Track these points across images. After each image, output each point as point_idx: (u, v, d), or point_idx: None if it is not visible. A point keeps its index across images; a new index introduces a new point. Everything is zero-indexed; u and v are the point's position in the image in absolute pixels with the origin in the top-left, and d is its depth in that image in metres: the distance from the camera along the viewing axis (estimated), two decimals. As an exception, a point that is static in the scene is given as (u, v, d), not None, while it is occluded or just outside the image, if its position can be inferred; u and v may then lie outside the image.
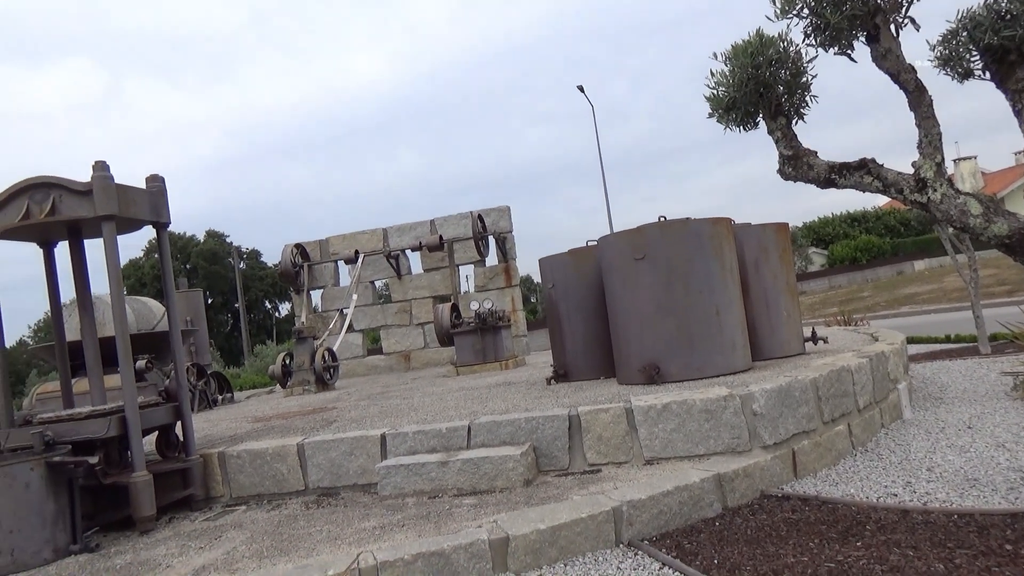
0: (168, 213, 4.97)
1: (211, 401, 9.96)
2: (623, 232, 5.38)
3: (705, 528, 3.60)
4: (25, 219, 4.41)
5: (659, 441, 4.35)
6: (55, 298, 5.27)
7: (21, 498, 4.01)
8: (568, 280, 6.30)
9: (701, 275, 5.14)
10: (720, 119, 3.58)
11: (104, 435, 4.43)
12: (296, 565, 3.31)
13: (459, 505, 4.05)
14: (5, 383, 4.79)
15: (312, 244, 13.68)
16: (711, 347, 5.14)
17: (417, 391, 7.68)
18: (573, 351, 6.36)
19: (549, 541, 3.34)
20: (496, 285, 12.82)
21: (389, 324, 13.52)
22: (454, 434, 4.66)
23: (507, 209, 12.91)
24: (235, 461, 4.96)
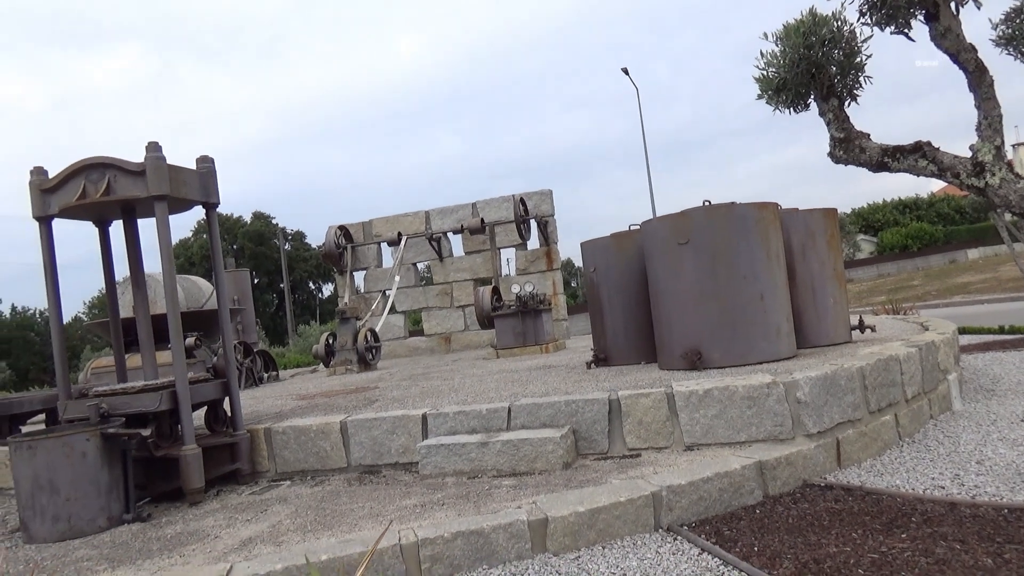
0: (217, 193, 5.07)
1: (257, 378, 10.19)
2: (667, 216, 5.33)
3: (745, 515, 3.57)
4: (82, 198, 4.55)
5: (700, 427, 4.33)
6: (110, 276, 5.43)
7: (78, 467, 4.16)
8: (610, 264, 6.27)
9: (745, 260, 5.07)
10: (769, 100, 3.51)
11: (156, 408, 4.56)
12: (339, 539, 3.38)
13: (498, 486, 4.09)
14: (63, 357, 4.96)
15: (356, 226, 13.83)
16: (754, 333, 5.07)
17: (457, 373, 7.74)
18: (614, 335, 6.34)
19: (588, 524, 3.35)
20: (537, 268, 12.82)
21: (430, 306, 13.63)
22: (494, 416, 4.70)
23: (549, 193, 12.87)
24: (280, 437, 5.07)
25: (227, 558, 3.33)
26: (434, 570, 3.17)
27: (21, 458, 4.17)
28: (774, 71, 3.41)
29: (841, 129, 3.44)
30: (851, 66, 3.46)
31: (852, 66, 3.46)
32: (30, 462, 4.14)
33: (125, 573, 3.31)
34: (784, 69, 3.34)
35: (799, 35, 3.32)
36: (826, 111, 3.48)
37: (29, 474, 4.14)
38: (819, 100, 3.48)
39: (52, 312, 4.92)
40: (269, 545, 3.48)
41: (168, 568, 3.29)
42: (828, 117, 3.47)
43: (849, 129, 3.46)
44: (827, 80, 3.42)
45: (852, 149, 3.41)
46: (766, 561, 2.96)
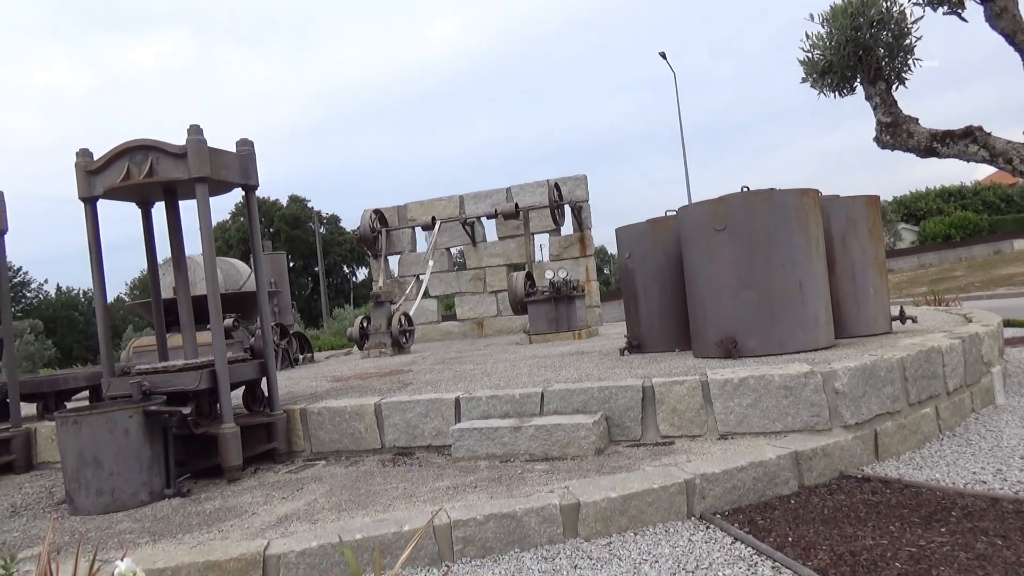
0: (256, 176, 5.13)
1: (292, 360, 10.34)
2: (704, 202, 5.27)
3: (780, 505, 3.54)
4: (125, 180, 4.64)
5: (734, 416, 4.29)
6: (152, 257, 5.54)
7: (121, 443, 4.27)
8: (645, 250, 6.22)
9: (784, 247, 4.99)
10: (814, 84, 3.42)
11: (196, 387, 4.66)
12: (373, 519, 3.43)
13: (531, 470, 4.10)
14: (107, 336, 5.08)
15: (390, 210, 13.91)
16: (792, 322, 5.00)
17: (490, 357, 7.76)
18: (648, 322, 6.30)
19: (620, 510, 3.35)
20: (571, 255, 12.78)
21: (463, 291, 13.67)
22: (527, 400, 4.71)
23: (584, 178, 12.80)
24: (316, 418, 5.14)
25: (264, 534, 3.40)
26: (466, 551, 3.20)
27: (67, 433, 4.29)
28: (819, 53, 3.32)
29: (888, 113, 3.35)
30: (900, 48, 3.36)
31: (901, 48, 3.36)
32: (76, 437, 4.26)
33: (166, 546, 3.40)
34: (830, 51, 3.25)
35: (846, 16, 3.23)
36: (873, 95, 3.39)
37: (75, 448, 4.26)
38: (866, 83, 3.39)
39: (96, 292, 5.04)
40: (305, 523, 3.54)
41: (208, 543, 3.36)
42: (875, 101, 3.37)
43: (896, 113, 3.36)
44: (874, 63, 3.33)
45: (899, 134, 3.32)
46: (800, 552, 2.93)
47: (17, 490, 5.20)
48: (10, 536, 3.93)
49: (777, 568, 2.78)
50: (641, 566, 2.93)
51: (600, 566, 2.97)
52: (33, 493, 5.04)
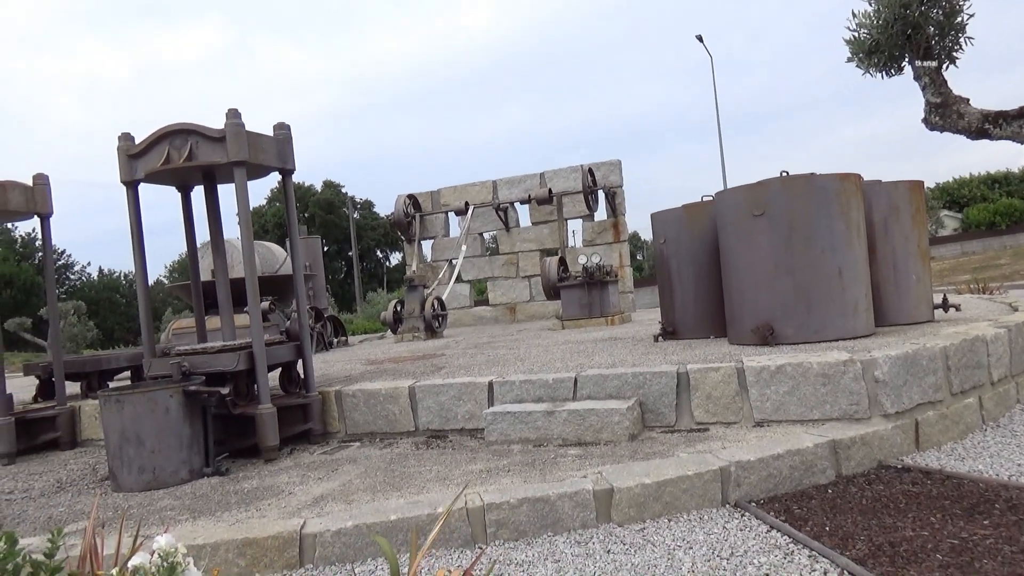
0: (293, 160, 5.17)
1: (327, 343, 10.46)
2: (742, 187, 5.18)
3: (816, 495, 3.49)
4: (166, 164, 4.71)
5: (771, 403, 4.24)
6: (191, 240, 5.63)
7: (162, 422, 4.36)
8: (681, 236, 6.15)
9: (824, 233, 4.90)
10: (860, 63, 3.32)
11: (234, 368, 4.73)
12: (407, 500, 3.46)
13: (564, 455, 4.10)
14: (148, 317, 5.18)
15: (424, 195, 13.95)
16: (831, 309, 4.91)
17: (523, 342, 7.77)
18: (682, 309, 6.24)
19: (654, 496, 3.33)
20: (604, 240, 12.71)
21: (496, 276, 13.69)
22: (560, 385, 4.70)
23: (618, 163, 12.69)
24: (351, 400, 5.20)
25: (300, 514, 3.45)
26: (499, 534, 3.21)
27: (110, 411, 4.39)
28: (866, 32, 3.22)
29: (938, 94, 3.24)
30: (951, 26, 3.24)
31: (952, 26, 3.25)
32: (118, 415, 4.36)
33: (206, 524, 3.47)
34: (877, 30, 3.15)
35: (896, -7, 3.13)
36: (922, 74, 3.28)
37: (117, 426, 4.36)
38: (914, 63, 3.28)
39: (138, 274, 5.14)
40: (340, 503, 3.59)
41: (246, 521, 3.43)
42: (924, 81, 3.27)
43: (947, 94, 3.25)
44: (924, 41, 3.22)
45: (949, 115, 3.21)
46: (838, 542, 2.89)
47: (62, 466, 5.35)
48: (56, 511, 4.05)
49: (814, 557, 2.75)
50: (675, 552, 2.91)
51: (634, 551, 2.97)
52: (78, 469, 5.18)
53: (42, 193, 5.99)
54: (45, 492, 4.56)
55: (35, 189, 5.96)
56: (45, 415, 6.05)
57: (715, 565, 2.75)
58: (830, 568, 2.63)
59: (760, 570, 2.67)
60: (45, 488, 4.67)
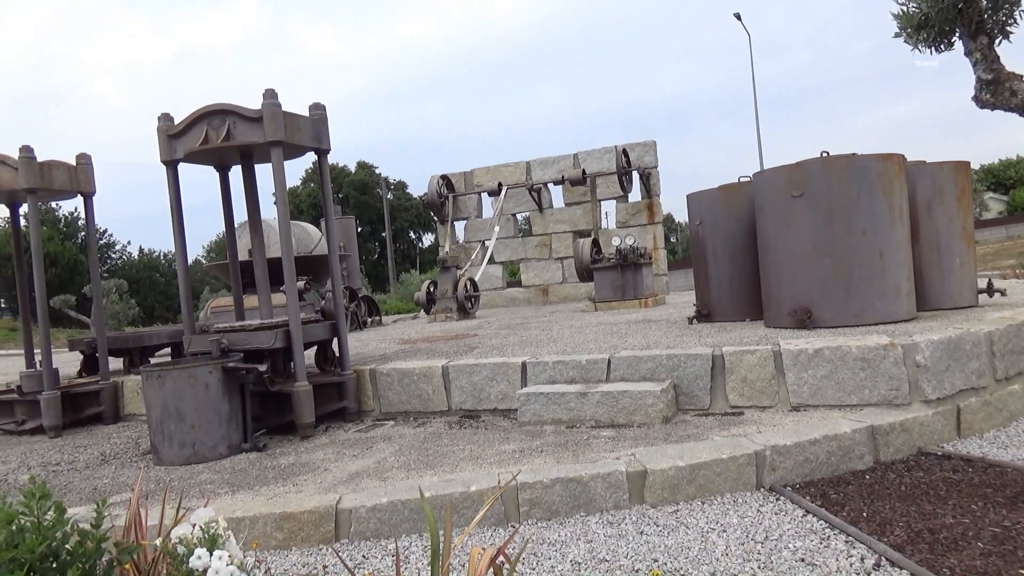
0: (328, 140, 5.20)
1: (361, 323, 10.56)
2: (781, 167, 5.09)
3: (854, 480, 3.45)
4: (204, 143, 4.76)
5: (808, 387, 4.18)
6: (229, 220, 5.70)
7: (202, 397, 4.45)
8: (717, 217, 6.07)
9: (865, 215, 4.79)
10: (909, 38, 3.21)
11: (271, 346, 4.81)
12: (441, 479, 3.49)
13: (596, 436, 4.10)
14: (188, 295, 5.28)
15: (457, 176, 13.95)
16: (871, 292, 4.82)
17: (555, 323, 7.76)
18: (718, 291, 6.18)
19: (687, 478, 3.32)
20: (638, 222, 12.60)
21: (529, 257, 13.67)
22: (594, 367, 4.69)
23: (653, 144, 12.55)
24: (385, 379, 5.25)
25: (336, 489, 3.50)
26: (532, 513, 3.23)
27: (152, 387, 4.49)
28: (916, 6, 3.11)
29: (990, 70, 3.13)
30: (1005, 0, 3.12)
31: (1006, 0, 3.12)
32: (160, 390, 4.46)
33: (244, 497, 3.54)
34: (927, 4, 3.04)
35: (946, -34, 3.01)
36: (973, 50, 3.16)
37: (159, 402, 4.46)
38: (966, 38, 3.16)
39: (178, 252, 5.23)
40: (375, 480, 3.63)
41: (283, 495, 3.49)
42: (975, 57, 3.15)
43: (999, 70, 3.13)
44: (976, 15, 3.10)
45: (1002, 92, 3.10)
46: (875, 528, 2.85)
47: (106, 440, 5.50)
48: (101, 482, 4.16)
49: (851, 543, 2.72)
50: (709, 535, 2.90)
51: (667, 533, 2.96)
52: (120, 443, 5.31)
53: (85, 172, 6.11)
54: (90, 464, 4.69)
55: (78, 168, 6.08)
56: (89, 390, 6.21)
57: (749, 549, 2.73)
58: (867, 554, 2.60)
59: (796, 554, 2.65)
60: (90, 460, 4.81)
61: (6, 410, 6.15)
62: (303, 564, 2.98)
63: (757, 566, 2.58)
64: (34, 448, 5.43)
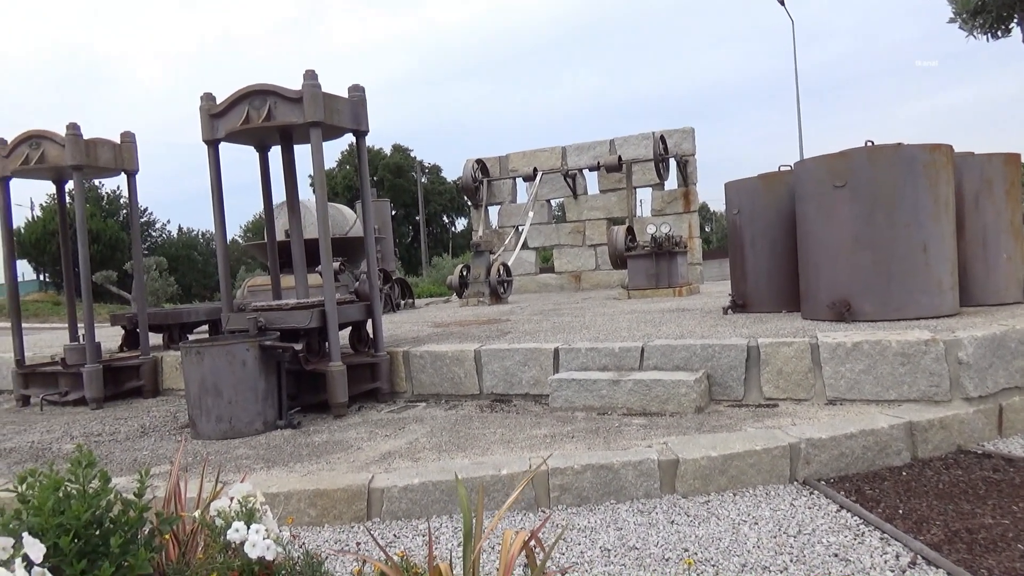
0: (367, 122, 5.22)
1: (394, 305, 10.63)
2: (823, 156, 4.99)
3: (890, 477, 3.39)
4: (245, 123, 4.81)
5: (845, 381, 4.12)
6: (268, 200, 5.77)
7: (239, 374, 4.52)
8: (755, 206, 5.99)
9: (909, 206, 4.68)
10: (964, 24, 3.11)
11: (307, 325, 4.86)
12: (472, 461, 3.51)
13: (628, 424, 4.09)
14: (227, 273, 5.36)
15: (492, 160, 13.93)
16: (913, 286, 4.72)
17: (588, 310, 7.74)
18: (754, 281, 6.10)
19: (720, 469, 3.30)
20: (674, 210, 12.48)
21: (562, 243, 13.63)
22: (627, 354, 4.67)
23: (691, 131, 12.40)
24: (418, 361, 5.28)
25: (369, 469, 3.54)
26: (562, 499, 3.24)
27: (191, 362, 4.58)
28: (973, -8, 3.01)
29: (1050, 57, 3.02)
30: (1068, -14, 3.00)
31: (1069, -15, 3.00)
32: (199, 367, 4.54)
33: (279, 473, 3.60)
34: (986, -11, 2.94)
35: (1005, -49, 2.90)
36: (1033, 37, 3.05)
37: (197, 377, 4.55)
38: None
39: (218, 230, 5.30)
40: (407, 460, 3.67)
41: (316, 472, 3.54)
42: (1035, 43, 3.04)
43: (1059, 57, 3.02)
44: (1036, 1, 2.99)
45: (1061, 80, 2.99)
46: (911, 525, 2.81)
47: (146, 413, 5.63)
48: (140, 454, 4.26)
49: (886, 540, 2.68)
50: (740, 527, 2.88)
51: (698, 523, 2.95)
52: (160, 416, 5.44)
53: (129, 150, 6.22)
54: (130, 436, 4.81)
55: (122, 146, 6.20)
56: (130, 364, 6.36)
57: (781, 542, 2.71)
58: (903, 552, 2.56)
59: (829, 549, 2.62)
60: (130, 432, 4.93)
61: (50, 381, 6.33)
62: (335, 541, 3.02)
63: (789, 559, 2.55)
64: (76, 419, 5.58)
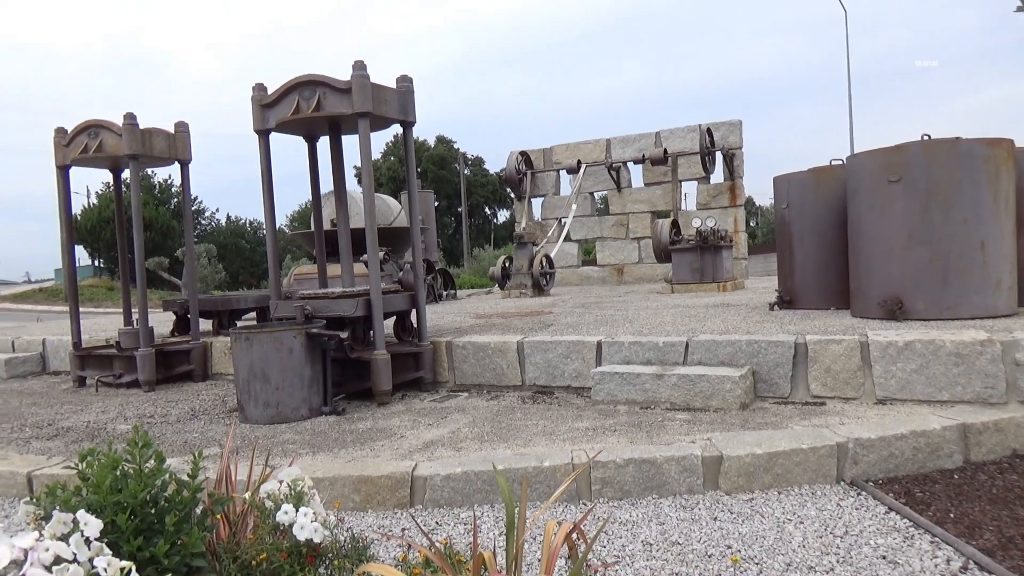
0: (414, 112, 5.26)
1: (437, 295, 10.71)
2: (878, 150, 4.87)
3: (941, 479, 3.31)
4: (295, 113, 4.89)
5: (895, 381, 4.02)
6: (316, 189, 5.85)
7: (286, 361, 4.61)
8: (805, 200, 5.87)
9: (967, 202, 4.54)
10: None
11: (352, 314, 4.93)
12: (515, 452, 3.52)
13: (671, 419, 4.06)
14: (276, 261, 5.45)
15: (536, 152, 13.91)
16: (969, 285, 4.58)
17: (631, 304, 7.69)
18: (802, 277, 5.98)
19: (764, 467, 3.25)
20: (719, 204, 12.31)
21: (605, 236, 13.55)
22: (671, 349, 4.63)
23: (738, 124, 12.20)
24: (461, 351, 5.32)
25: (412, 456, 3.58)
26: (604, 492, 3.23)
27: (240, 348, 4.68)
28: (1044, -20, 2.90)
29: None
30: None
31: None
32: (248, 352, 4.64)
33: (324, 459, 3.66)
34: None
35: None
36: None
37: (246, 363, 4.65)
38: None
39: (267, 218, 5.39)
40: (449, 449, 3.70)
41: (361, 459, 3.59)
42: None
43: None
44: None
45: None
46: (963, 530, 2.74)
47: (195, 396, 5.78)
48: (190, 436, 4.38)
49: (936, 544, 2.61)
50: (785, 526, 2.84)
51: (741, 521, 2.91)
52: (209, 400, 5.57)
53: (183, 140, 6.37)
54: (180, 419, 4.94)
55: (176, 136, 6.34)
56: (181, 348, 6.53)
57: (828, 542, 2.67)
58: (954, 556, 2.50)
59: (877, 551, 2.57)
60: (180, 415, 5.06)
61: (105, 363, 6.53)
62: (379, 526, 3.07)
63: (835, 560, 2.51)
64: (130, 400, 5.75)
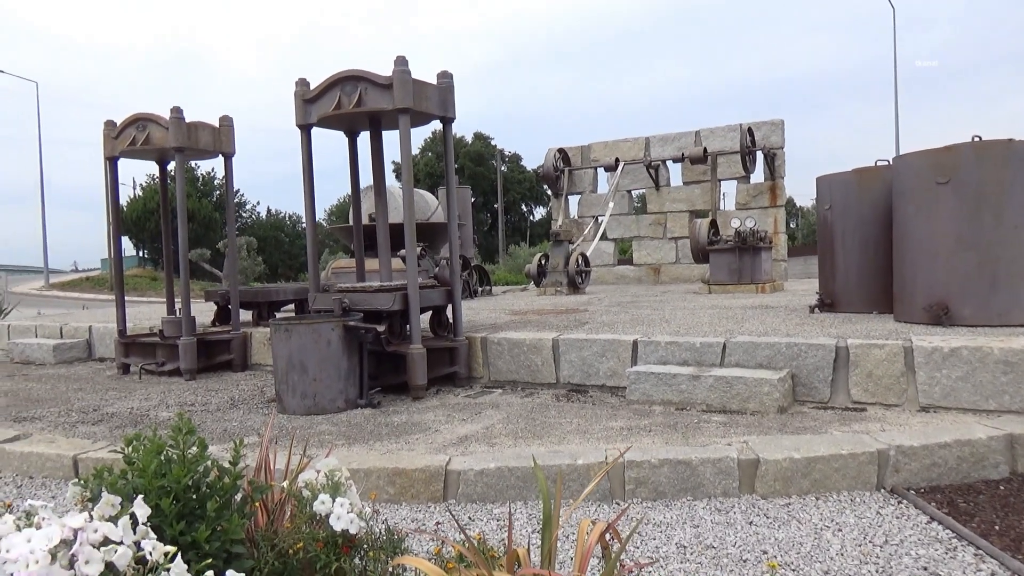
0: (454, 109, 5.27)
1: (472, 291, 10.75)
2: (926, 151, 4.75)
3: (986, 490, 3.22)
4: (337, 109, 4.94)
5: (940, 388, 3.93)
6: (355, 184, 5.91)
7: (324, 353, 4.67)
8: (848, 202, 5.76)
9: (1019, 206, 4.42)
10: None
11: (389, 308, 4.97)
12: (548, 449, 3.52)
13: (707, 421, 4.02)
14: (315, 254, 5.52)
15: (574, 149, 13.86)
16: (1019, 291, 4.45)
17: (667, 304, 7.63)
18: (844, 279, 5.88)
19: (802, 472, 3.20)
20: (759, 204, 12.14)
21: (642, 235, 13.46)
22: (708, 350, 4.58)
23: (780, 123, 12.01)
24: (495, 347, 5.33)
25: (446, 451, 3.60)
26: (638, 492, 3.21)
27: (279, 339, 4.75)
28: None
29: None
30: None
31: None
32: (286, 343, 4.71)
33: (359, 451, 3.70)
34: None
35: None
36: None
37: (285, 354, 4.71)
38: None
39: (308, 212, 5.46)
40: (483, 444, 3.71)
41: (395, 452, 3.62)
42: None
43: None
44: None
45: None
46: (1009, 543, 2.66)
47: (235, 386, 5.88)
48: (230, 425, 4.46)
49: (980, 556, 2.55)
50: (823, 532, 2.79)
51: (778, 526, 2.87)
52: (248, 390, 5.67)
53: (227, 133, 6.48)
54: (220, 407, 5.03)
55: (221, 130, 6.45)
56: (222, 338, 6.65)
57: (867, 551, 2.62)
58: (999, 570, 2.43)
59: (918, 562, 2.51)
60: (220, 404, 5.16)
61: (148, 351, 6.68)
62: (412, 519, 3.09)
63: (875, 570, 2.46)
64: (171, 388, 5.87)
